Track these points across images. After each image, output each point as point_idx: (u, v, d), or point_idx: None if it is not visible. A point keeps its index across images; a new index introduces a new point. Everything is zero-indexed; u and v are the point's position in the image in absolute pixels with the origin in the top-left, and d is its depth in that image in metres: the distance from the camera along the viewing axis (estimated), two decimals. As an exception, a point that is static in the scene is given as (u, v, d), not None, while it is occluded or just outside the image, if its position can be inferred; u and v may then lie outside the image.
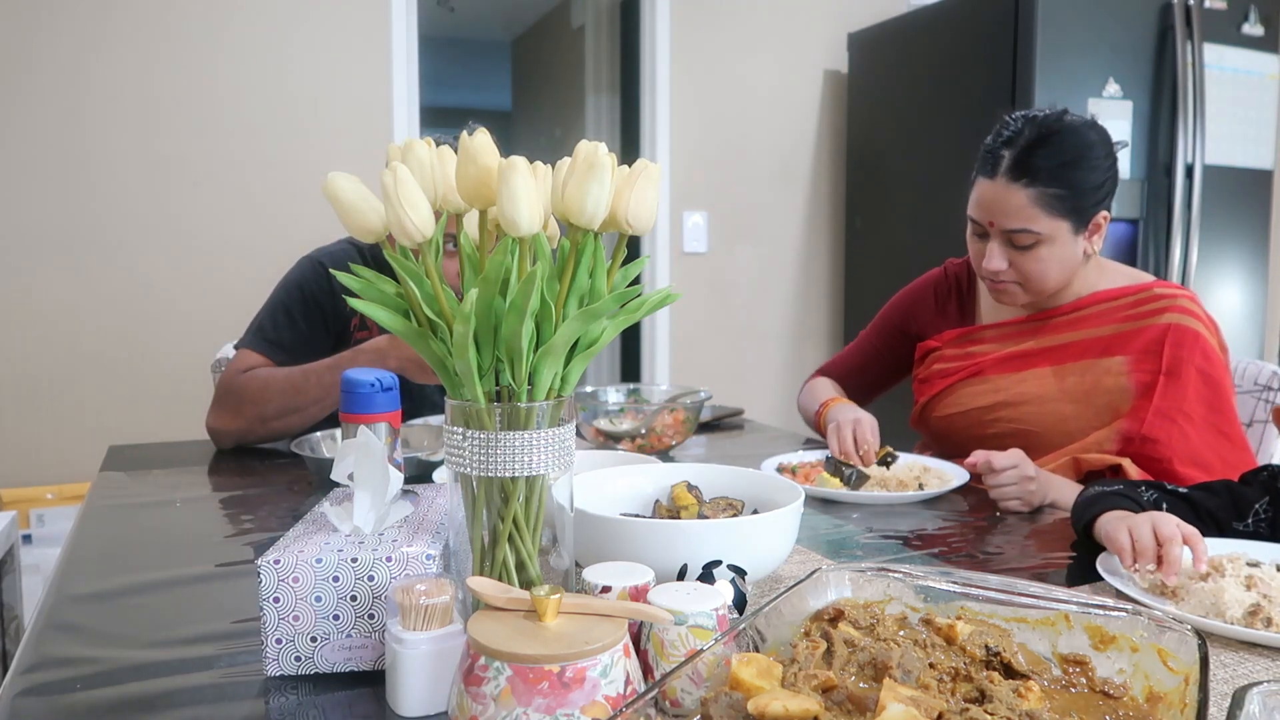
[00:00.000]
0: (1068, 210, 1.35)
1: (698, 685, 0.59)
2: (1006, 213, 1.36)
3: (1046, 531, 1.21)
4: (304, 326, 1.65)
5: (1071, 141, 1.34)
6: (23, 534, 2.42)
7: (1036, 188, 1.33)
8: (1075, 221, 1.37)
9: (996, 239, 1.40)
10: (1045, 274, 1.39)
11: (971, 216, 1.43)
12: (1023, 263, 1.39)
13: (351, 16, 2.92)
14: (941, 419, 1.56)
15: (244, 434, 1.61)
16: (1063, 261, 1.39)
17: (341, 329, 1.69)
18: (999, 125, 1.40)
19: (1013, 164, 1.34)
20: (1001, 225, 1.37)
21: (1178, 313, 1.39)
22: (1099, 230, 1.40)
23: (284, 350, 1.63)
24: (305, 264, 1.70)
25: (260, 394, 1.56)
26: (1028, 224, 1.35)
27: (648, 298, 0.77)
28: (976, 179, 1.41)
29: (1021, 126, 1.36)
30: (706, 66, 3.40)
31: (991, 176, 1.37)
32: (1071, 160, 1.34)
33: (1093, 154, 1.35)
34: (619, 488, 1.04)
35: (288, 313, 1.65)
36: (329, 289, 1.66)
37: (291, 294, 1.67)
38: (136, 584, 0.97)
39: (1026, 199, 1.34)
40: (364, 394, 0.97)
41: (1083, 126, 1.37)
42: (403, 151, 0.74)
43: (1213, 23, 2.91)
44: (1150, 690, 0.62)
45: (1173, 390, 1.36)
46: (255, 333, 1.65)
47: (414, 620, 0.68)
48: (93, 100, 2.68)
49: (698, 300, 3.48)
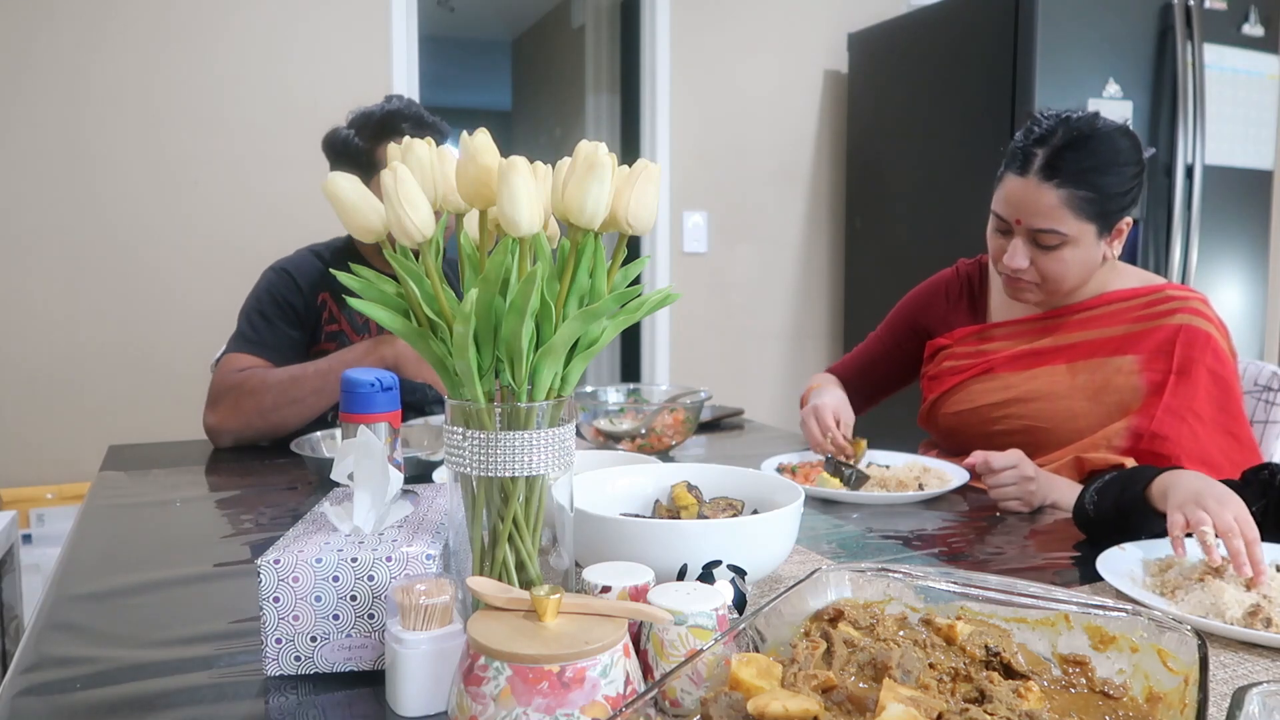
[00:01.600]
0: (1095, 214, 1.35)
1: (698, 685, 0.59)
2: (1036, 211, 1.35)
3: (1046, 531, 1.21)
4: (282, 326, 1.73)
5: (1106, 146, 1.34)
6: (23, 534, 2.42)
7: (1067, 189, 1.33)
8: (1101, 225, 1.37)
9: (1021, 236, 1.39)
10: (1065, 275, 1.39)
11: (996, 212, 1.42)
12: (1045, 262, 1.39)
13: (351, 16, 2.92)
14: (951, 415, 1.56)
15: (243, 429, 1.63)
16: (1084, 264, 1.39)
17: (314, 328, 1.77)
18: (1030, 123, 1.39)
19: (1045, 163, 1.34)
20: (1029, 224, 1.37)
21: (1189, 314, 1.40)
22: (1120, 235, 1.41)
23: (268, 348, 1.70)
24: (269, 273, 1.79)
25: (259, 387, 1.60)
26: (1056, 224, 1.35)
27: (648, 298, 0.77)
28: (1005, 175, 1.40)
29: (1055, 126, 1.36)
30: (706, 66, 3.40)
31: (1022, 174, 1.36)
32: (1104, 164, 1.33)
33: (1124, 159, 1.35)
34: (619, 488, 1.04)
35: (263, 316, 1.73)
36: (297, 291, 1.75)
37: (263, 300, 1.75)
38: (136, 584, 0.97)
39: (1057, 199, 1.34)
40: (364, 394, 0.97)
41: (1116, 132, 1.36)
42: (403, 151, 0.74)
43: (1213, 23, 2.91)
44: (1150, 690, 0.62)
45: (1183, 389, 1.36)
46: (236, 338, 1.72)
47: (414, 620, 0.68)
48: (93, 99, 2.68)
49: (698, 300, 3.48)
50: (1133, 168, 1.36)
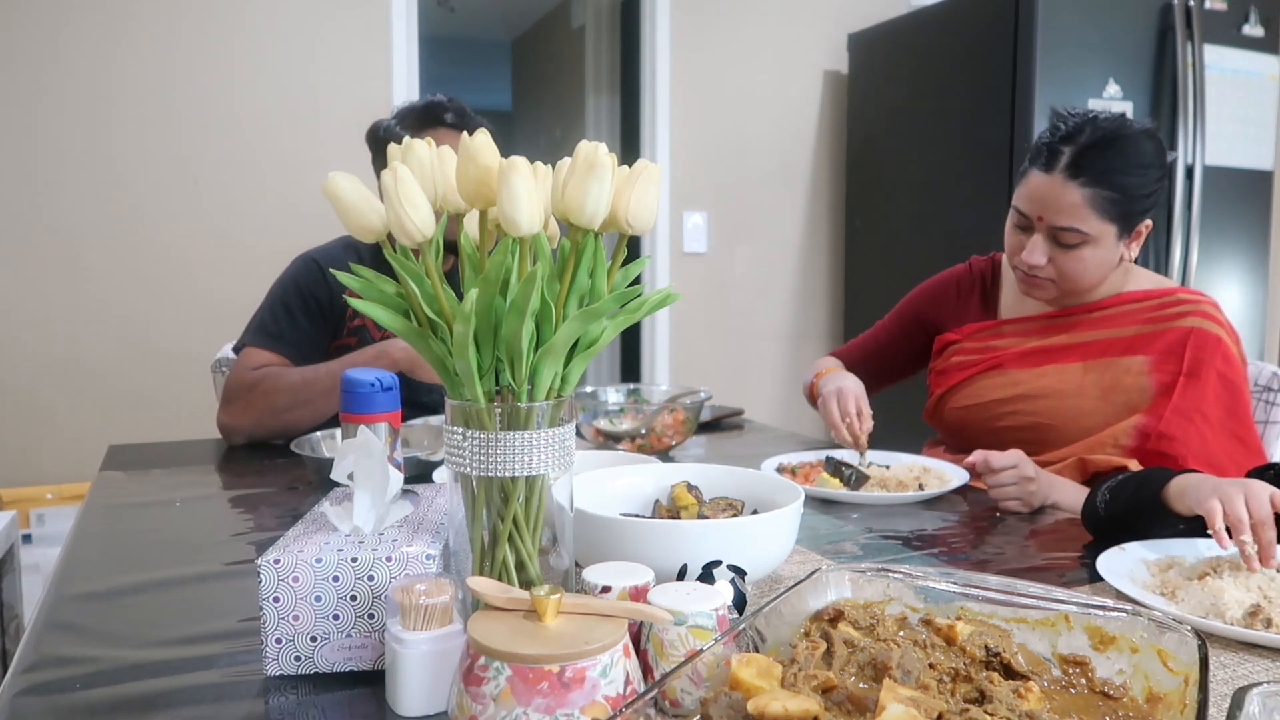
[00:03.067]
0: (1117, 215, 1.35)
1: (697, 685, 0.59)
2: (1059, 209, 1.35)
3: (1046, 531, 1.21)
4: (303, 321, 1.70)
5: (1132, 148, 1.34)
6: (23, 534, 2.42)
7: (1092, 188, 1.33)
8: (1122, 226, 1.37)
9: (1041, 233, 1.39)
10: (1084, 274, 1.39)
11: (1018, 207, 1.42)
12: (1063, 261, 1.39)
13: (351, 16, 2.92)
14: (957, 410, 1.56)
15: (256, 428, 1.64)
16: (1101, 264, 1.39)
17: (337, 322, 1.75)
18: (1055, 119, 1.39)
19: (1071, 161, 1.33)
20: (1051, 221, 1.37)
21: (1200, 317, 1.40)
22: (1140, 237, 1.41)
23: (286, 343, 1.68)
24: (300, 262, 1.76)
25: (272, 388, 1.60)
26: (1078, 223, 1.35)
27: (648, 298, 0.77)
28: (1029, 170, 1.39)
29: (1083, 124, 1.35)
30: (706, 66, 3.40)
31: (1048, 171, 1.36)
32: (1130, 166, 1.34)
33: (1148, 162, 1.35)
34: (619, 488, 1.04)
35: (286, 308, 1.71)
36: (324, 285, 1.71)
37: (289, 290, 1.72)
38: (136, 584, 0.97)
39: (1081, 198, 1.33)
40: (364, 394, 0.97)
41: (1142, 134, 1.37)
42: (403, 151, 0.74)
43: (1213, 23, 2.91)
44: (1150, 691, 0.62)
45: (1192, 391, 1.37)
46: (256, 329, 1.70)
47: (414, 620, 0.68)
48: (92, 101, 2.68)
49: (698, 300, 3.48)
50: (1156, 170, 1.37)
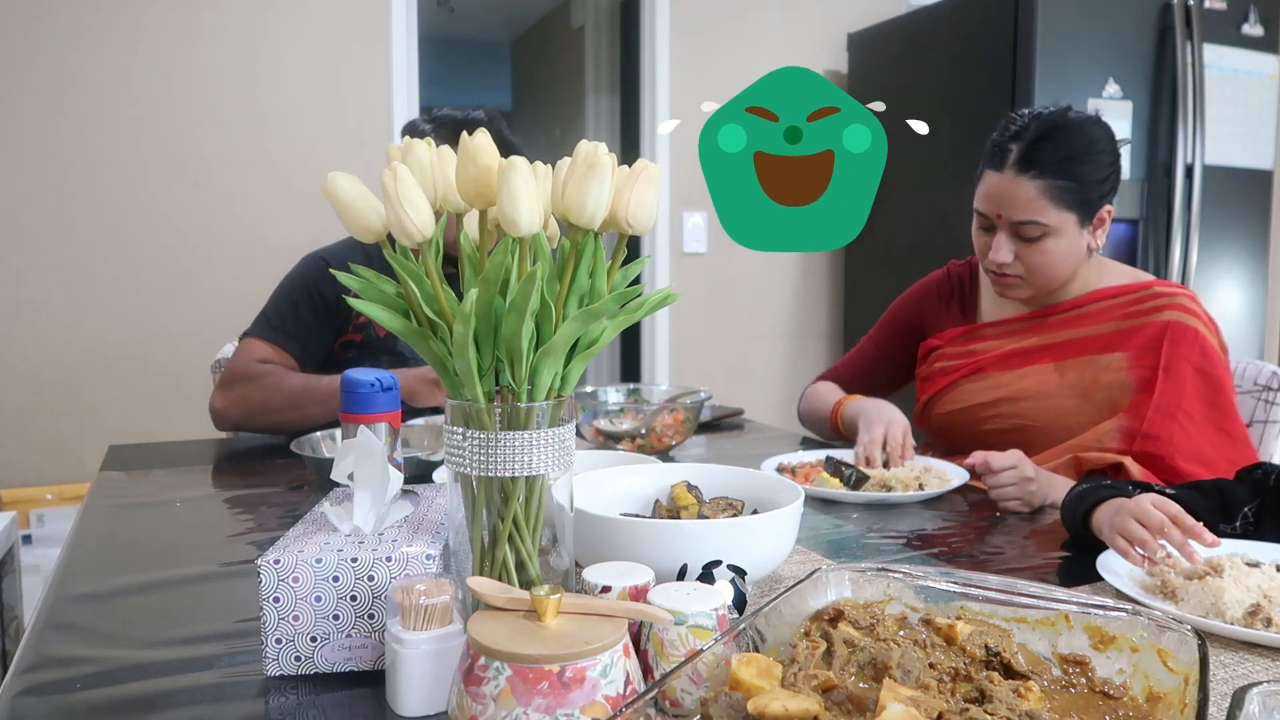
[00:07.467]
0: (1074, 203, 1.38)
1: (698, 685, 0.59)
2: (1015, 204, 1.38)
3: (1046, 531, 1.21)
4: (309, 318, 1.72)
5: (1078, 135, 1.37)
6: (23, 534, 2.42)
7: (1044, 180, 1.36)
8: (1081, 214, 1.39)
9: (1004, 231, 1.41)
10: (1051, 266, 1.41)
11: (978, 209, 1.45)
12: (1029, 255, 1.41)
13: (351, 16, 2.92)
14: (942, 415, 1.57)
15: (246, 420, 1.65)
16: (1068, 255, 1.41)
17: (342, 320, 1.76)
18: (1005, 121, 1.43)
19: (1020, 156, 1.37)
20: (1009, 217, 1.39)
21: (1177, 310, 1.41)
22: (1103, 225, 1.43)
23: (290, 337, 1.70)
24: (309, 260, 1.77)
25: (272, 387, 1.62)
26: (1035, 215, 1.37)
27: (648, 298, 0.77)
28: (984, 172, 1.43)
29: (1028, 121, 1.39)
30: (706, 66, 3.40)
31: (999, 169, 1.39)
32: (1078, 153, 1.36)
33: (1098, 148, 1.38)
34: (619, 488, 1.04)
35: (293, 304, 1.72)
36: (331, 283, 1.72)
37: (296, 287, 1.74)
38: (136, 584, 0.97)
39: (1035, 190, 1.36)
40: (364, 394, 0.97)
41: (1087, 122, 1.40)
42: (403, 151, 0.74)
43: (1212, 23, 2.91)
44: (1150, 690, 0.62)
45: (1170, 387, 1.38)
46: (262, 322, 1.72)
47: (414, 620, 0.68)
48: (92, 99, 2.68)
49: (698, 300, 3.48)
50: (1108, 155, 1.39)
